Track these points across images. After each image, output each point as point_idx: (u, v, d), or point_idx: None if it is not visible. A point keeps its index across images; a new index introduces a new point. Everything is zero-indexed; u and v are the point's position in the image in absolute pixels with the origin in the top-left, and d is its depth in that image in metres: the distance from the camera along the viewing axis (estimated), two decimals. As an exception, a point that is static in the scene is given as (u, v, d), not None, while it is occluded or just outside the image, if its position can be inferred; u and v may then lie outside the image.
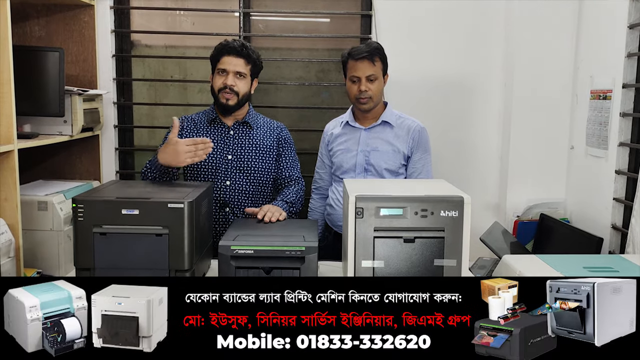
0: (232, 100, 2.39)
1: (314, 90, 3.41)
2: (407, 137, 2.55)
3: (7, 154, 2.15)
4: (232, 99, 2.39)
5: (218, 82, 2.40)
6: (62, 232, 2.47)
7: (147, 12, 3.33)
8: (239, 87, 2.39)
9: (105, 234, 1.78)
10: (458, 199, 1.71)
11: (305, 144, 3.28)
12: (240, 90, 2.39)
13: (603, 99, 2.66)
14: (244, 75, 2.40)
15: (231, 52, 2.38)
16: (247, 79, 2.41)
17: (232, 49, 2.38)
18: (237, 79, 2.38)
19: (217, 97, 2.42)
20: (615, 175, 2.58)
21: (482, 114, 3.22)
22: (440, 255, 1.72)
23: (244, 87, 2.40)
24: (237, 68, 2.38)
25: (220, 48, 2.41)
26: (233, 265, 1.77)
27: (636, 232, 2.28)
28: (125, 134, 3.35)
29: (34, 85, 2.54)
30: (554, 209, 3.04)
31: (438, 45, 3.17)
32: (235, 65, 2.38)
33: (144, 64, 3.36)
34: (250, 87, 2.45)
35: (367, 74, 2.47)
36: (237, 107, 2.42)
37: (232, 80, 2.37)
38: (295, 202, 2.47)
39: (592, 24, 2.84)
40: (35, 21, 2.95)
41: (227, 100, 2.39)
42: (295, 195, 2.48)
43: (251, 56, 2.40)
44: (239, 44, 2.39)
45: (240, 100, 2.41)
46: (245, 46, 2.40)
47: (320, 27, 3.41)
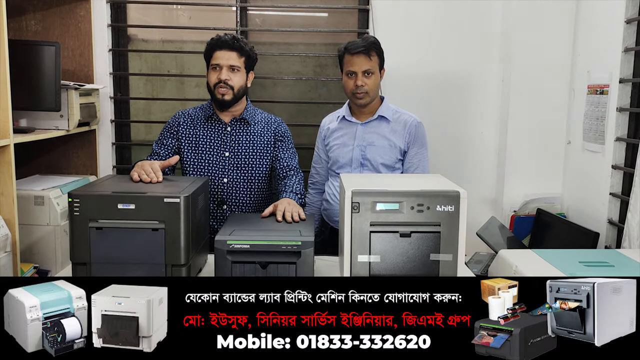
0: (228, 94, 2.37)
1: (311, 85, 3.40)
2: (403, 132, 2.55)
3: (3, 148, 2.15)
4: (228, 93, 2.37)
5: (212, 77, 2.38)
6: (58, 227, 2.47)
7: (143, 6, 3.31)
8: (234, 81, 2.36)
9: (102, 229, 1.77)
10: (454, 194, 1.71)
11: (302, 139, 3.27)
12: (235, 84, 2.37)
13: (600, 93, 2.67)
14: (238, 68, 2.37)
15: (223, 46, 2.36)
16: (241, 72, 2.39)
17: (224, 43, 2.36)
18: (231, 72, 2.36)
19: (213, 93, 2.40)
20: (612, 170, 2.59)
21: (479, 108, 3.22)
22: (437, 250, 1.72)
23: (239, 81, 2.38)
24: (230, 62, 2.36)
25: (212, 44, 2.39)
26: (229, 259, 1.76)
27: (632, 227, 2.29)
28: (121, 129, 3.35)
29: (30, 80, 2.53)
30: (550, 203, 3.05)
31: (435, 39, 3.16)
32: (228, 59, 2.36)
33: (141, 59, 3.35)
34: (245, 81, 2.42)
35: (363, 68, 2.46)
36: (233, 101, 2.39)
37: (226, 75, 2.35)
38: (302, 193, 2.44)
39: (590, 19, 2.84)
40: (32, 15, 2.94)
41: (222, 95, 2.37)
42: (299, 185, 2.46)
43: (244, 48, 2.38)
44: (230, 37, 2.37)
45: (236, 94, 2.38)
46: (237, 39, 2.38)
47: (318, 22, 3.39)
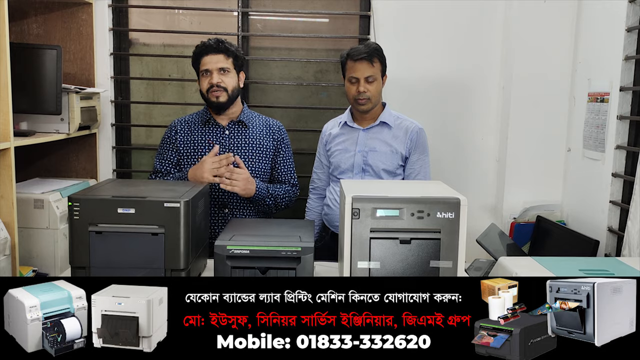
0: (222, 96, 2.38)
1: (312, 91, 3.41)
2: (405, 138, 2.55)
3: (4, 151, 2.14)
4: (222, 95, 2.38)
5: (204, 83, 2.39)
6: (58, 231, 2.46)
7: (145, 11, 3.33)
8: (226, 82, 2.38)
9: (101, 233, 1.77)
10: (454, 201, 1.71)
11: (303, 144, 3.28)
12: (227, 85, 2.38)
13: (600, 101, 2.67)
14: (228, 69, 2.38)
15: (209, 50, 2.38)
16: (232, 73, 2.40)
17: (209, 48, 2.38)
18: (221, 75, 2.37)
19: (207, 99, 2.41)
20: (612, 178, 2.59)
21: (480, 115, 3.23)
22: (436, 257, 1.72)
23: (231, 82, 2.39)
24: (219, 64, 2.37)
25: (197, 51, 2.41)
26: (229, 265, 1.76)
27: (632, 235, 2.29)
28: (122, 133, 3.35)
29: (31, 83, 2.54)
30: (550, 211, 3.05)
31: (436, 46, 3.17)
32: (216, 62, 2.37)
33: (142, 63, 3.36)
34: (237, 81, 2.43)
35: (365, 74, 2.47)
36: (229, 102, 2.40)
37: (217, 78, 2.36)
38: (278, 197, 2.45)
39: (591, 27, 2.85)
40: (33, 19, 2.95)
41: (217, 98, 2.38)
42: (283, 192, 2.47)
43: (229, 49, 2.39)
44: (214, 41, 2.38)
45: (230, 96, 2.39)
46: (221, 41, 2.39)
47: (319, 27, 3.41)
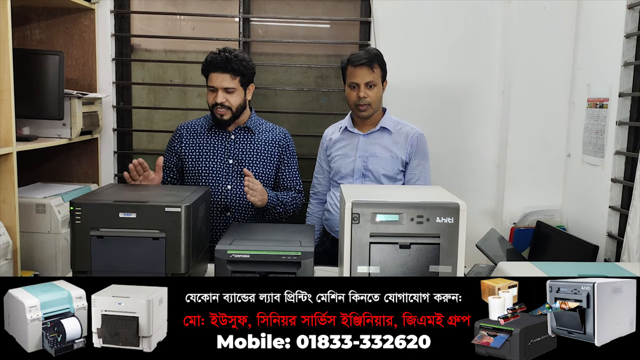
0: (226, 115, 2.39)
1: (313, 96, 3.42)
2: (405, 144, 2.55)
3: (6, 156, 2.16)
4: (226, 114, 2.38)
5: (210, 98, 2.40)
6: (59, 235, 2.47)
7: (147, 17, 3.35)
8: (231, 102, 2.37)
9: (103, 237, 1.78)
10: (454, 206, 1.71)
11: (303, 149, 3.28)
12: (232, 105, 2.38)
13: (600, 107, 2.68)
14: (233, 89, 2.37)
15: (216, 68, 2.35)
16: (237, 91, 2.38)
17: (216, 66, 2.34)
18: (227, 94, 2.36)
19: (212, 113, 2.42)
20: (611, 183, 2.59)
21: (480, 121, 3.24)
22: (436, 262, 1.72)
23: (235, 101, 2.38)
24: (224, 84, 2.35)
25: (206, 65, 2.38)
26: (229, 269, 1.76)
27: (631, 241, 2.29)
28: (124, 138, 3.36)
29: (34, 88, 2.55)
30: (550, 216, 3.05)
31: (436, 52, 3.19)
32: (221, 81, 2.35)
33: (144, 68, 3.37)
34: (244, 97, 2.42)
35: (366, 80, 2.48)
36: (232, 119, 2.42)
37: (222, 98, 2.36)
38: (287, 205, 2.47)
39: (590, 33, 2.87)
40: (36, 24, 2.97)
41: (221, 116, 2.39)
42: (291, 199, 2.49)
43: (237, 69, 2.34)
44: (222, 59, 2.33)
45: (235, 113, 2.40)
46: (229, 59, 2.33)
47: (320, 33, 3.42)
